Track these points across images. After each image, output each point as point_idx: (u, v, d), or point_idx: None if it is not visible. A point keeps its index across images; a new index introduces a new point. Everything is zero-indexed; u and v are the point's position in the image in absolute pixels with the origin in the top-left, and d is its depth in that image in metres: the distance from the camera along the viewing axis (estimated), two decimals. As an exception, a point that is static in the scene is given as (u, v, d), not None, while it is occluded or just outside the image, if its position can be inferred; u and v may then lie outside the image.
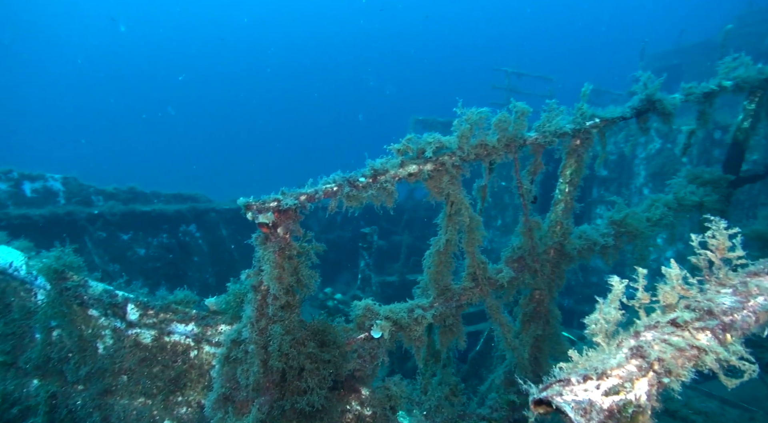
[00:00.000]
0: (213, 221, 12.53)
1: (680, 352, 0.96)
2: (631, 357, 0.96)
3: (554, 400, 0.90)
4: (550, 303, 3.57)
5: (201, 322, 3.14)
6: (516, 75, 19.15)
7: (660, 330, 1.02)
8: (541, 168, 3.34)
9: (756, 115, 4.55)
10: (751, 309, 1.07)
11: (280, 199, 2.52)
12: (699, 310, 1.05)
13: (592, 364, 0.96)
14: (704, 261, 1.19)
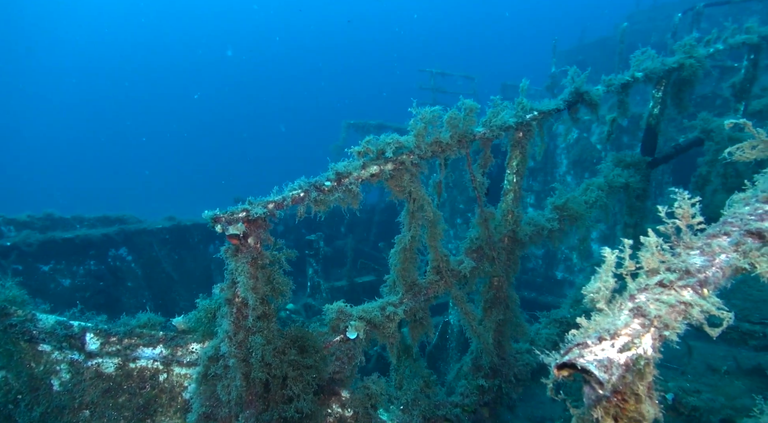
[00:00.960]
0: (145, 242, 11.83)
1: (672, 308, 1.10)
2: (634, 317, 1.08)
3: (578, 362, 1.00)
4: (508, 288, 3.78)
5: (170, 344, 3.01)
6: (440, 75, 19.77)
7: (651, 291, 1.16)
8: (490, 161, 3.53)
9: (663, 102, 5.07)
10: (718, 266, 1.24)
11: (248, 209, 2.48)
12: (678, 270, 1.21)
13: (602, 326, 1.08)
14: (672, 228, 1.35)
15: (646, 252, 1.27)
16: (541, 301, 11.34)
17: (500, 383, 3.82)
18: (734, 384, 4.05)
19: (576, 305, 4.55)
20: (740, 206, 1.53)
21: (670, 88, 5.04)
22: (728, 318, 1.12)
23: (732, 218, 1.45)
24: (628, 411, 1.05)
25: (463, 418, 3.69)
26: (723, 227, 1.38)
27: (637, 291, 1.17)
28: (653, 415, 1.06)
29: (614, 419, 1.06)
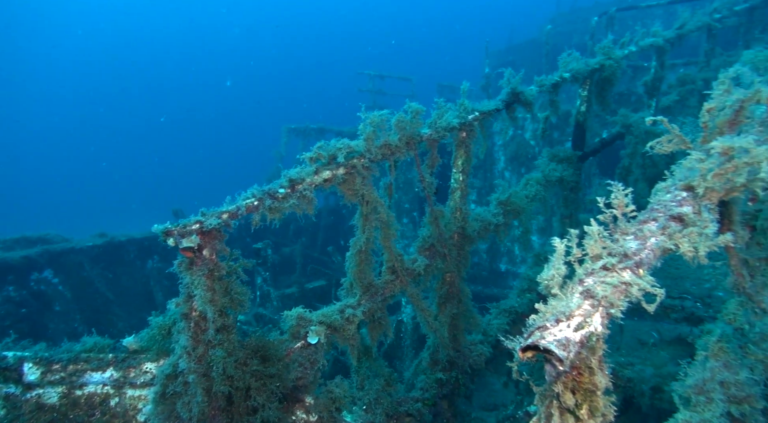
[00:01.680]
0: (74, 262, 11.07)
1: (615, 288, 1.24)
2: (584, 299, 1.20)
3: (540, 343, 1.10)
4: (460, 283, 3.93)
5: (121, 365, 2.88)
6: (379, 77, 19.99)
7: (596, 275, 1.29)
8: (437, 161, 3.66)
9: (588, 100, 5.46)
10: (650, 248, 1.40)
11: (202, 221, 2.44)
12: (618, 254, 1.35)
13: (558, 310, 1.19)
14: (610, 216, 1.50)
15: (589, 240, 1.41)
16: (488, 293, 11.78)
17: (457, 375, 3.96)
18: (660, 354, 4.44)
19: (522, 294, 4.80)
20: (663, 194, 1.71)
21: (594, 86, 5.44)
22: (660, 294, 1.27)
23: (657, 205, 1.63)
24: (583, 383, 1.17)
25: (424, 411, 3.80)
26: (651, 214, 1.55)
27: (585, 275, 1.30)
28: (605, 385, 1.19)
29: (572, 392, 1.18)
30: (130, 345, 2.93)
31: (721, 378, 1.88)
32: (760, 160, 1.51)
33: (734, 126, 1.95)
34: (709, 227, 1.42)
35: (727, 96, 1.98)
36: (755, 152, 1.53)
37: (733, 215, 1.82)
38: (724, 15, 7.58)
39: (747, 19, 8.46)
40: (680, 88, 7.59)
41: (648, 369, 3.93)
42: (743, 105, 1.90)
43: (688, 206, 1.57)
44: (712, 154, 1.63)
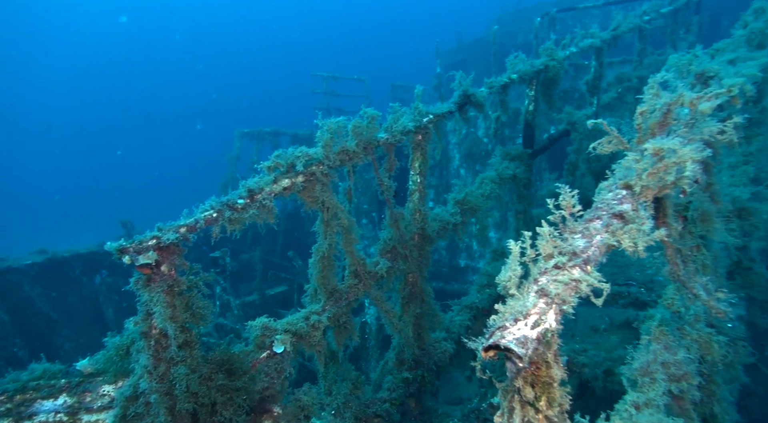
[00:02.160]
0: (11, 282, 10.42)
1: (567, 285, 1.33)
2: (539, 297, 1.29)
3: (501, 342, 1.17)
4: (422, 283, 4.02)
5: (75, 391, 2.76)
6: (332, 78, 19.93)
7: (549, 273, 1.38)
8: (395, 164, 3.73)
9: (536, 99, 5.69)
10: (596, 245, 1.51)
11: (159, 236, 2.39)
12: (568, 253, 1.45)
13: (516, 309, 1.27)
14: (559, 217, 1.61)
15: (542, 240, 1.50)
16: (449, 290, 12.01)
17: (423, 373, 4.05)
18: (611, 339, 4.71)
19: (482, 290, 4.96)
20: (606, 193, 1.84)
21: (540, 86, 5.68)
22: (607, 288, 1.38)
23: (601, 204, 1.75)
24: (541, 376, 1.25)
25: (392, 411, 3.86)
26: (595, 212, 1.67)
27: (539, 274, 1.39)
28: (560, 376, 1.28)
29: (531, 385, 1.26)
30: (84, 368, 2.82)
31: (662, 359, 2.04)
32: (686, 160, 1.66)
33: (664, 127, 2.11)
34: (646, 224, 1.54)
35: (657, 99, 2.15)
36: (681, 153, 1.68)
37: (667, 210, 1.98)
38: (652, 17, 8.08)
39: (672, 20, 9.07)
40: (618, 86, 8.03)
41: (601, 353, 4.16)
42: (670, 108, 2.07)
43: (627, 204, 1.70)
44: (645, 155, 1.77)
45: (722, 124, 1.94)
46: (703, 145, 1.85)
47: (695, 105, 1.99)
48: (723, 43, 3.70)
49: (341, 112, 20.12)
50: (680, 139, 1.73)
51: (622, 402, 1.92)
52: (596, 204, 1.78)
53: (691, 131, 1.97)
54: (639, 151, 1.85)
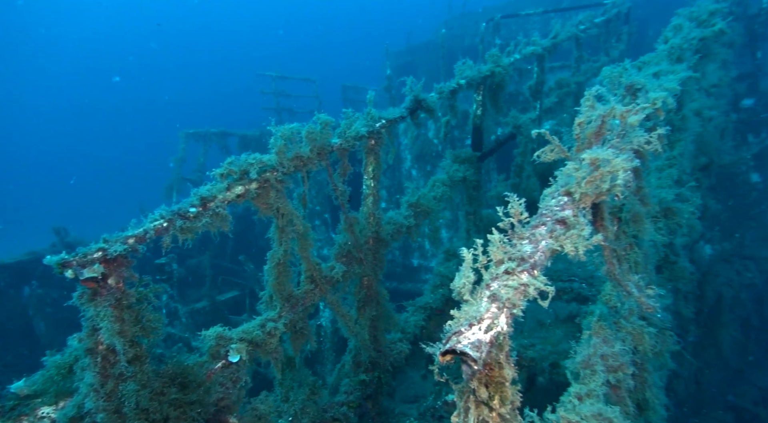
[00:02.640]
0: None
1: (516, 290, 1.42)
2: (491, 302, 1.37)
3: (457, 347, 1.24)
4: (377, 285, 4.08)
5: (9, 415, 2.60)
6: (281, 78, 19.67)
7: (500, 279, 1.46)
8: (349, 169, 3.76)
9: (483, 104, 5.90)
10: (542, 250, 1.62)
11: (105, 248, 2.30)
12: (516, 259, 1.54)
13: (470, 314, 1.34)
14: (508, 224, 1.71)
15: (492, 247, 1.59)
16: (402, 289, 12.17)
17: (380, 374, 4.11)
18: (556, 333, 4.98)
19: (435, 290, 5.09)
20: (549, 200, 1.97)
21: (487, 91, 5.89)
22: (552, 291, 1.49)
23: (545, 210, 1.87)
24: (494, 377, 1.33)
25: (350, 414, 3.90)
26: (540, 218, 1.78)
27: (490, 280, 1.47)
28: (511, 376, 1.37)
29: (485, 386, 1.34)
30: (20, 390, 2.66)
31: (601, 352, 2.20)
32: (618, 169, 1.81)
33: (599, 136, 2.28)
34: (586, 229, 1.67)
35: (592, 111, 2.31)
36: (614, 162, 1.83)
37: (603, 214, 2.14)
38: (587, 26, 8.57)
39: (605, 30, 9.67)
40: (558, 91, 8.46)
41: (547, 347, 4.38)
42: (604, 119, 2.23)
43: (569, 210, 1.83)
44: (583, 164, 1.91)
45: (649, 135, 2.12)
46: (632, 155, 2.02)
47: (625, 117, 2.16)
48: (648, 56, 4.00)
49: (291, 112, 19.88)
50: (613, 150, 1.88)
51: (566, 394, 2.06)
52: (541, 210, 1.90)
53: (622, 141, 2.14)
54: (578, 160, 1.99)
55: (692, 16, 5.24)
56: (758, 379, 8.41)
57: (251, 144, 17.28)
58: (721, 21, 5.28)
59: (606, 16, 9.91)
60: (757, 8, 11.52)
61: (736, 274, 7.75)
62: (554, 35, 7.56)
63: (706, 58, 5.59)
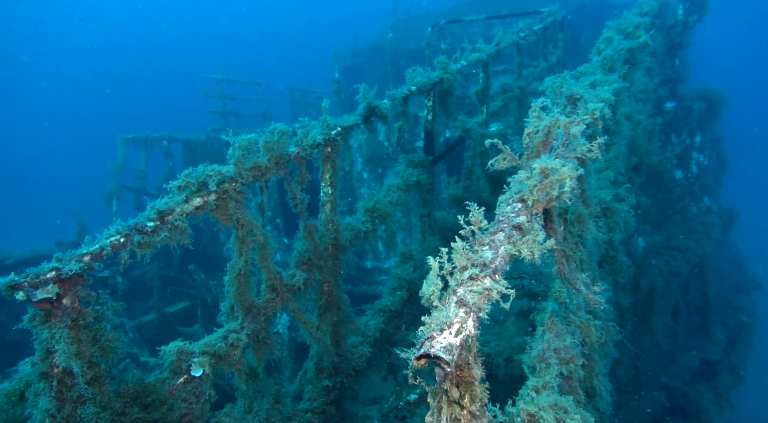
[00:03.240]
0: None
1: (481, 294, 1.53)
2: (459, 307, 1.47)
3: (431, 352, 1.33)
4: (337, 291, 4.12)
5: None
6: (226, 81, 19.21)
7: (465, 285, 1.57)
8: (306, 178, 3.79)
9: (434, 109, 6.08)
10: (501, 255, 1.74)
11: (59, 267, 2.22)
12: (479, 264, 1.66)
13: (440, 320, 1.44)
14: (469, 231, 1.82)
15: (456, 254, 1.70)
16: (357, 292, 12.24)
17: (342, 379, 4.16)
18: (509, 328, 5.22)
19: (393, 293, 5.19)
20: (505, 206, 2.11)
21: (437, 97, 6.08)
22: (512, 293, 1.61)
23: (502, 217, 2.01)
24: (464, 377, 1.44)
25: (314, 421, 3.92)
26: (498, 225, 1.91)
27: (457, 286, 1.58)
28: (480, 375, 1.48)
29: (456, 386, 1.44)
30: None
31: (554, 346, 2.38)
32: (565, 177, 1.98)
33: (546, 145, 2.46)
34: (540, 235, 1.81)
35: (539, 122, 2.49)
36: (561, 171, 1.99)
37: (553, 218, 2.32)
38: (527, 34, 9.02)
39: (543, 36, 10.21)
40: (503, 96, 8.83)
41: (502, 343, 4.60)
42: (550, 130, 2.42)
43: (523, 216, 1.97)
44: (534, 173, 2.07)
45: (590, 144, 2.31)
46: (577, 163, 2.20)
47: (568, 128, 2.34)
48: (584, 67, 4.30)
49: (238, 116, 19.45)
50: (560, 160, 2.05)
51: (524, 387, 2.21)
52: (498, 217, 2.04)
53: (567, 150, 2.33)
54: (529, 168, 2.15)
55: (620, 29, 5.66)
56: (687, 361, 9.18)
57: (197, 149, 16.75)
58: (645, 34, 5.74)
59: (543, 23, 10.46)
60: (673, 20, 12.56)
61: (666, 264, 8.42)
62: (497, 42, 7.90)
63: (633, 66, 6.05)
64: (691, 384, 8.62)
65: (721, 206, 14.80)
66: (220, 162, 11.13)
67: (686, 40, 12.97)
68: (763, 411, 12.16)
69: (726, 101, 14.14)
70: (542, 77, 11.67)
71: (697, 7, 12.61)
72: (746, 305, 13.83)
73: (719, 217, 13.56)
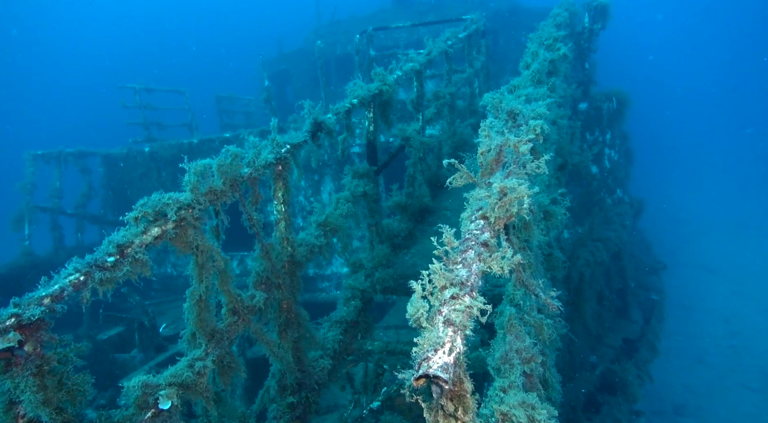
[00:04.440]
0: None
1: (464, 313, 1.69)
2: (447, 326, 1.62)
3: (429, 372, 1.46)
4: (296, 307, 4.15)
5: None
6: (145, 91, 18.28)
7: (448, 304, 1.72)
8: (260, 198, 3.79)
9: (375, 120, 6.25)
10: (475, 273, 1.92)
11: (18, 313, 2.10)
12: (458, 284, 1.82)
13: (432, 341, 1.57)
14: (442, 252, 1.98)
15: (434, 275, 1.85)
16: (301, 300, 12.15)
17: (306, 394, 4.19)
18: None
19: (348, 303, 5.28)
20: (468, 223, 2.29)
21: (377, 108, 6.24)
22: (490, 309, 1.79)
23: (469, 234, 2.19)
24: (458, 392, 1.59)
25: (281, 438, 3.93)
26: (467, 243, 2.09)
27: (440, 305, 1.73)
28: (471, 388, 1.63)
29: (451, 400, 1.59)
30: None
31: (516, 347, 2.60)
32: (523, 195, 2.20)
33: (499, 162, 2.69)
34: (508, 252, 2.01)
35: (490, 140, 2.72)
36: (519, 190, 2.21)
37: (510, 231, 2.54)
38: (454, 42, 9.47)
39: (467, 43, 10.76)
40: (436, 102, 9.19)
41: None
42: (501, 148, 2.65)
43: (487, 232, 2.17)
44: (494, 191, 2.27)
45: (538, 162, 2.57)
46: (529, 181, 2.44)
47: (517, 147, 2.58)
48: (516, 80, 4.65)
49: (161, 126, 18.54)
50: (517, 179, 2.27)
51: (492, 388, 2.41)
52: (465, 234, 2.22)
53: (518, 167, 2.56)
54: (488, 187, 2.35)
55: (542, 42, 6.15)
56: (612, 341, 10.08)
57: (118, 164, 15.75)
58: (564, 46, 6.28)
59: (467, 32, 11.01)
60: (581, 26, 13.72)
61: (591, 254, 9.20)
62: (428, 52, 8.22)
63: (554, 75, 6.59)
64: (617, 362, 9.48)
65: (632, 196, 16.36)
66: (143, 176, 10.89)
67: (593, 46, 14.19)
68: (672, 377, 13.59)
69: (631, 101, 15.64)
70: (469, 82, 12.31)
71: (600, 16, 13.83)
72: (656, 285, 15.39)
73: (630, 207, 14.98)
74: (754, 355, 16.36)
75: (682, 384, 14.61)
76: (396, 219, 7.12)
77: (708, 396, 14.41)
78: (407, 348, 5.00)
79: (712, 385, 15.03)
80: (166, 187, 12.00)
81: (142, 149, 16.16)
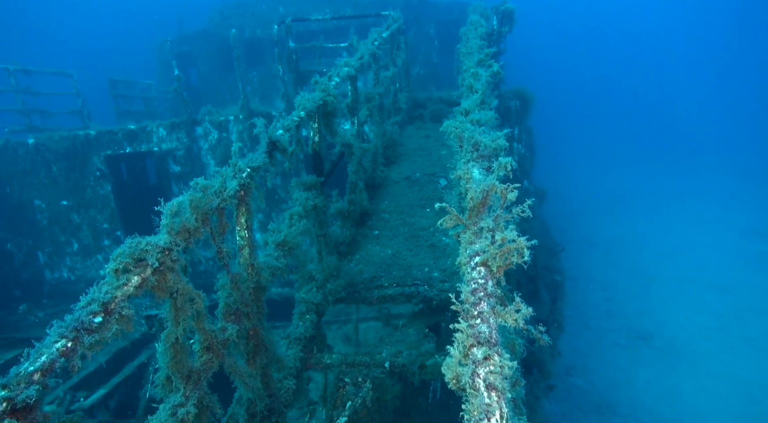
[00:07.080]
0: None
1: (498, 374, 1.87)
2: (490, 391, 1.80)
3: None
4: (264, 332, 4.10)
5: None
6: (23, 72, 16.14)
7: (483, 366, 1.90)
8: (227, 227, 3.66)
9: (320, 131, 6.20)
10: (494, 328, 2.11)
11: (11, 397, 1.90)
12: (484, 342, 2.00)
13: (481, 408, 1.74)
14: (461, 308, 2.15)
15: (461, 335, 2.01)
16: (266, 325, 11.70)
17: (276, 419, 4.18)
18: (410, 334, 5.77)
19: (303, 318, 5.28)
20: (470, 270, 2.48)
21: (322, 118, 6.20)
22: (515, 366, 1.99)
23: (473, 283, 2.37)
24: (501, 444, 1.78)
25: (252, 466, 3.90)
26: (475, 294, 2.27)
27: (475, 366, 1.89)
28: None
29: None
30: None
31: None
32: (523, 246, 2.43)
33: (485, 205, 2.90)
34: (522, 308, 2.23)
35: (477, 185, 2.92)
36: (519, 241, 2.44)
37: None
38: (380, 42, 9.60)
39: (390, 42, 11.01)
40: (368, 105, 9.27)
41: (412, 351, 5.09)
42: (488, 193, 2.86)
43: (491, 281, 2.37)
44: (496, 240, 2.48)
45: (523, 206, 2.81)
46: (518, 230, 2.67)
47: (504, 194, 2.81)
48: (466, 104, 4.91)
49: (46, 114, 16.50)
50: (517, 231, 2.49)
51: None
52: (469, 281, 2.39)
53: (505, 212, 2.80)
54: (487, 235, 2.55)
55: (479, 63, 6.51)
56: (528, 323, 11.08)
57: None
58: (495, 63, 6.70)
59: (390, 30, 11.20)
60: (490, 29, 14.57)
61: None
62: (360, 56, 8.26)
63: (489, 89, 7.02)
64: (532, 343, 10.48)
65: (536, 186, 17.88)
66: (27, 173, 9.95)
67: (502, 47, 15.12)
68: (563, 343, 15.30)
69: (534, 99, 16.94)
70: (393, 80, 12.53)
71: (507, 20, 14.75)
72: (557, 266, 17.10)
73: (535, 196, 16.38)
74: (623, 317, 19.16)
75: (572, 348, 16.68)
76: (338, 225, 7.17)
77: (591, 355, 16.68)
78: (366, 359, 5.16)
79: (594, 345, 17.38)
80: (58, 185, 11.28)
81: (25, 141, 14.27)
